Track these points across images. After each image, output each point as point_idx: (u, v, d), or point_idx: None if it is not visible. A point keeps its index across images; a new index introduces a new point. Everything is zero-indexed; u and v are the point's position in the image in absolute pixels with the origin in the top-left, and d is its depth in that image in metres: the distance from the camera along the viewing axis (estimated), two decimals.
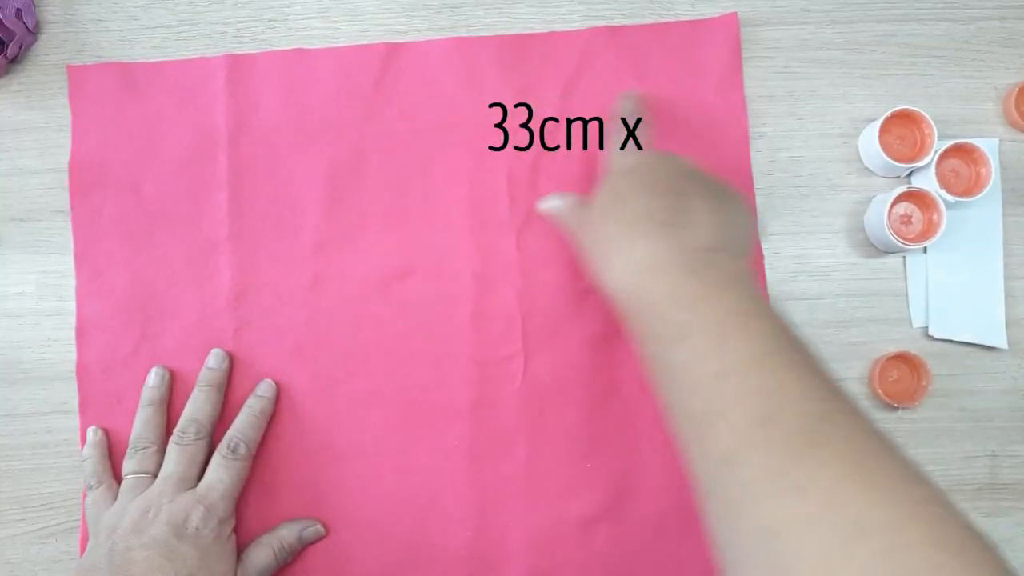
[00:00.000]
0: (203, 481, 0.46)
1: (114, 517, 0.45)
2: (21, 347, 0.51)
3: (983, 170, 0.50)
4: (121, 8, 0.53)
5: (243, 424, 0.48)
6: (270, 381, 0.50)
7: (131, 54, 0.53)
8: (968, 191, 0.50)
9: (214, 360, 0.50)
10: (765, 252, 0.52)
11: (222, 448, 0.47)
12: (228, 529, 0.46)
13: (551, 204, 0.49)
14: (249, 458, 0.48)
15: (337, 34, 0.53)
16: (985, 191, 0.49)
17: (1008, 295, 0.51)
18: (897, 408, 0.51)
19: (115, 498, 0.47)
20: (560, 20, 0.53)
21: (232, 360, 0.50)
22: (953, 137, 0.51)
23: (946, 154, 0.50)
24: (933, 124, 0.50)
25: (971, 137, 0.51)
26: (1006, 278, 0.51)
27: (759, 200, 0.52)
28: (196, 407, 0.48)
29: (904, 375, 0.51)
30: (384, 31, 0.53)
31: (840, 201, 0.52)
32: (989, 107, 0.53)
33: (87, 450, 0.49)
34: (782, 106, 0.53)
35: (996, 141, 0.52)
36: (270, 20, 0.53)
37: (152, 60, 0.53)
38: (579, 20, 0.53)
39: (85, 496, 0.49)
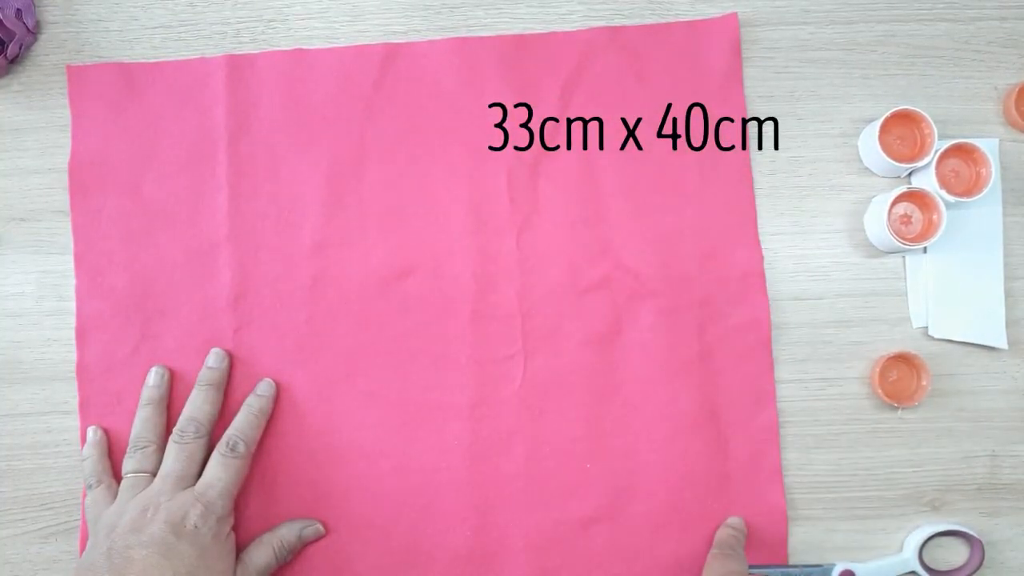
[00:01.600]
0: (201, 479, 0.46)
1: (113, 516, 0.45)
2: (21, 347, 0.51)
3: (983, 170, 0.50)
4: (121, 8, 0.54)
5: (242, 423, 0.48)
6: (270, 380, 0.50)
7: (131, 54, 0.53)
8: (968, 191, 0.50)
9: (214, 359, 0.50)
10: (765, 252, 0.52)
11: (221, 446, 0.47)
12: (227, 527, 0.46)
13: None
14: (248, 456, 0.48)
15: (337, 34, 0.53)
16: (985, 191, 0.49)
17: (1008, 295, 0.51)
18: (897, 408, 0.51)
19: (115, 497, 0.47)
20: (560, 20, 0.53)
21: (232, 360, 0.50)
22: (953, 137, 0.51)
23: (946, 154, 0.50)
24: (933, 124, 0.50)
25: (971, 137, 0.51)
26: (1006, 278, 0.51)
27: (759, 200, 0.52)
28: (195, 406, 0.48)
29: (904, 375, 0.51)
30: (384, 31, 0.53)
31: (840, 201, 0.52)
32: (989, 107, 0.53)
33: (87, 450, 0.49)
34: (782, 106, 0.53)
35: (996, 141, 0.52)
36: (270, 20, 0.53)
37: (152, 60, 0.53)
38: (579, 20, 0.53)
39: (85, 495, 0.49)
